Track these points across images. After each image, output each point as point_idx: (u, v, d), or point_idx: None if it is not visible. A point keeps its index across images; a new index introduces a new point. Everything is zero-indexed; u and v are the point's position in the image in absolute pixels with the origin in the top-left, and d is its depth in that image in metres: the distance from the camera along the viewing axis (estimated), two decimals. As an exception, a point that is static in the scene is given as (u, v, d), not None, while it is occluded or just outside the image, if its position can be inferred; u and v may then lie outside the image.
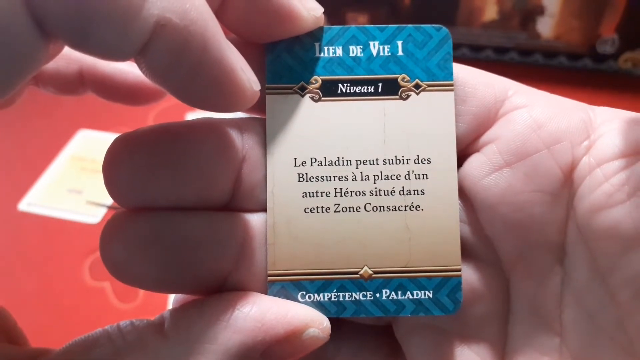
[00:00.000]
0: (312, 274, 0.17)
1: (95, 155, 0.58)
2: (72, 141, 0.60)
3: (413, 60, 0.17)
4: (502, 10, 0.64)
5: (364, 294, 0.17)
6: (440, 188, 0.17)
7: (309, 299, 0.17)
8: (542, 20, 0.64)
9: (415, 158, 0.17)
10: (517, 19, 0.64)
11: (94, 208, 0.51)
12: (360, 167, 0.17)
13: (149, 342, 0.15)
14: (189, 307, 0.16)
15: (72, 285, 0.46)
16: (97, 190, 0.54)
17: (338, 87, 0.17)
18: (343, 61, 0.17)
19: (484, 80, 0.18)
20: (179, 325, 0.15)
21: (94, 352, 0.15)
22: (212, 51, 0.14)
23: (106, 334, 0.15)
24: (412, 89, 0.17)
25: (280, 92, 0.17)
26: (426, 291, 0.17)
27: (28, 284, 0.46)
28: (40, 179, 0.55)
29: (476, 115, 0.18)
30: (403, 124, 0.17)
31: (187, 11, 0.13)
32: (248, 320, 0.15)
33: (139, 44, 0.13)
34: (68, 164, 0.57)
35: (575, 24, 0.63)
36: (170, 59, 0.14)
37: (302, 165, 0.17)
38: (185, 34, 0.13)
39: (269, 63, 0.17)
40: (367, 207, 0.17)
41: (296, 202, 0.17)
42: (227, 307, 0.15)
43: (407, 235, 0.17)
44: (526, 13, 0.64)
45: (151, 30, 0.13)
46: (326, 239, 0.17)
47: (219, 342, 0.15)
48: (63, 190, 0.54)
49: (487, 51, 0.66)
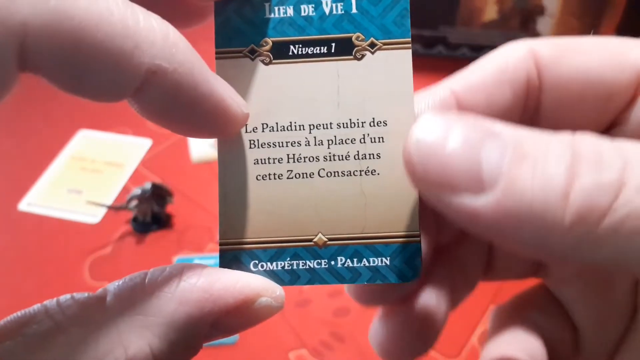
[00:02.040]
0: (265, 243, 0.16)
1: (95, 155, 0.58)
2: (72, 141, 0.60)
3: (368, 18, 0.17)
4: (502, 10, 0.64)
5: (318, 261, 0.16)
6: (398, 151, 0.16)
7: (262, 268, 0.16)
8: (542, 20, 0.64)
9: (371, 121, 0.16)
10: (517, 19, 0.64)
11: (94, 208, 0.51)
12: (313, 131, 0.16)
13: (90, 316, 0.14)
14: (132, 279, 0.15)
15: (72, 285, 0.46)
16: (97, 190, 0.54)
17: (289, 49, 0.17)
18: (294, 21, 0.17)
19: None
20: (122, 297, 0.15)
21: (30, 328, 0.14)
22: (201, 87, 0.14)
23: (44, 309, 0.14)
24: (367, 48, 0.17)
25: (230, 56, 0.17)
26: (383, 258, 0.16)
27: (28, 284, 0.46)
28: (40, 179, 0.55)
29: None
30: (358, 85, 0.16)
31: (174, 55, 0.13)
32: (195, 291, 0.14)
33: (130, 90, 0.14)
34: (68, 164, 0.57)
35: (575, 24, 0.63)
36: (163, 102, 0.14)
37: (253, 131, 0.16)
38: (176, 77, 0.14)
39: (217, 26, 0.17)
40: (320, 172, 0.16)
41: (248, 169, 0.16)
42: (172, 278, 0.15)
43: (363, 200, 0.16)
44: (526, 13, 0.64)
45: (143, 78, 0.13)
46: (279, 207, 0.16)
47: (164, 314, 0.14)
48: (63, 190, 0.54)
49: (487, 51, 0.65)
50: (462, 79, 0.17)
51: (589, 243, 0.12)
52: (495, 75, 0.17)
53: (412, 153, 0.13)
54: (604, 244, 0.12)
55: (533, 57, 0.17)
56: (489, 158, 0.12)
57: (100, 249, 0.49)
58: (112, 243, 0.49)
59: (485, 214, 0.12)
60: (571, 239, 0.12)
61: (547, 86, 0.17)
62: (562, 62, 0.16)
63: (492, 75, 0.17)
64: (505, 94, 0.16)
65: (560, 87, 0.16)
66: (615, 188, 0.12)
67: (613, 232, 0.12)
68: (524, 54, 0.17)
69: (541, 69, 0.17)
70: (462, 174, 0.12)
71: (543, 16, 0.63)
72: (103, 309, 0.14)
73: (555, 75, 0.16)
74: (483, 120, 0.13)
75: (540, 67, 0.17)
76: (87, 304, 0.14)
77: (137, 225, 0.50)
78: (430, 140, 0.13)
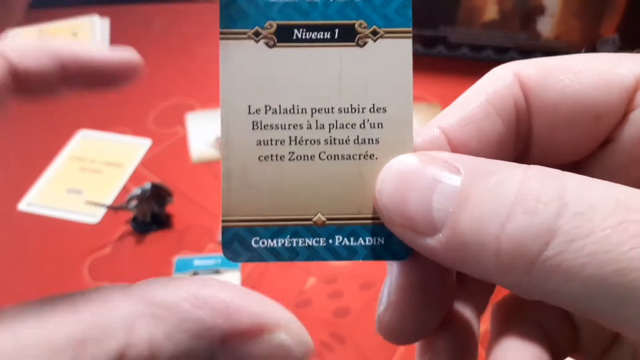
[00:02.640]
0: (266, 220, 0.17)
1: (94, 155, 0.58)
2: (72, 141, 0.60)
3: (371, 6, 0.17)
4: (502, 10, 0.64)
5: (317, 240, 0.17)
6: (395, 137, 0.17)
7: (262, 245, 0.17)
8: (543, 20, 0.64)
9: (371, 107, 0.17)
10: (517, 19, 0.64)
11: (94, 208, 0.51)
12: (315, 115, 0.17)
13: (111, 296, 0.14)
14: (158, 278, 0.15)
15: (72, 285, 0.46)
16: (97, 190, 0.54)
17: (293, 33, 0.17)
18: (299, 5, 0.17)
19: None
20: (143, 287, 0.14)
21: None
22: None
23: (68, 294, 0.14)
24: (369, 35, 0.17)
25: (234, 37, 0.17)
26: (378, 238, 0.17)
27: (28, 284, 0.46)
28: (40, 179, 0.55)
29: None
30: (359, 72, 0.17)
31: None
32: (213, 299, 0.14)
33: None
34: (68, 164, 0.57)
35: (575, 24, 0.63)
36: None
37: (256, 113, 0.17)
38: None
39: (222, 6, 0.17)
40: (321, 155, 0.17)
41: (250, 150, 0.17)
42: (194, 283, 0.14)
43: (361, 182, 0.17)
44: (526, 13, 0.64)
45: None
46: (280, 187, 0.17)
47: (175, 310, 0.14)
48: (62, 190, 0.54)
49: (487, 51, 0.66)
50: (450, 116, 0.17)
51: (525, 285, 0.13)
52: (482, 107, 0.17)
53: (378, 200, 0.16)
54: (538, 288, 0.13)
55: (518, 82, 0.17)
56: (438, 204, 0.14)
57: (100, 249, 0.49)
58: (112, 243, 0.49)
59: (440, 252, 0.14)
60: (509, 277, 0.13)
61: (536, 111, 0.17)
62: (548, 85, 0.16)
63: (480, 108, 0.17)
64: (496, 124, 0.17)
65: (549, 110, 0.17)
66: (546, 235, 0.12)
67: (543, 281, 0.12)
68: (509, 80, 0.17)
69: (528, 94, 0.17)
70: (419, 220, 0.14)
71: (543, 16, 0.63)
72: (126, 290, 0.14)
73: (543, 98, 0.17)
74: (442, 162, 0.14)
75: (526, 92, 0.17)
76: (111, 288, 0.14)
77: (137, 225, 0.50)
78: (391, 191, 0.15)
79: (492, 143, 0.17)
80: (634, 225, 0.12)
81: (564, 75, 0.16)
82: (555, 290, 0.12)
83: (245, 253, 0.17)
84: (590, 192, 0.13)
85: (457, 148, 0.16)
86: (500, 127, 0.17)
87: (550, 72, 0.17)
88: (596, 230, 0.12)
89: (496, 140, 0.17)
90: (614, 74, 0.16)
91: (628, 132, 0.16)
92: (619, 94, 0.16)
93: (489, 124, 0.17)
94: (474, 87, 0.17)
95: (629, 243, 0.12)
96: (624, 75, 0.16)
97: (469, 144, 0.16)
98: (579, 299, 0.12)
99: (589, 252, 0.12)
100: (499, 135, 0.17)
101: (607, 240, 0.12)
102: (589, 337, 0.20)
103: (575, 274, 0.12)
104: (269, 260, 0.17)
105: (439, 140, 0.17)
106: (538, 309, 0.20)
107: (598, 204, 0.12)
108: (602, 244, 0.12)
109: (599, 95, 0.16)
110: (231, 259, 0.17)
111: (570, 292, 0.12)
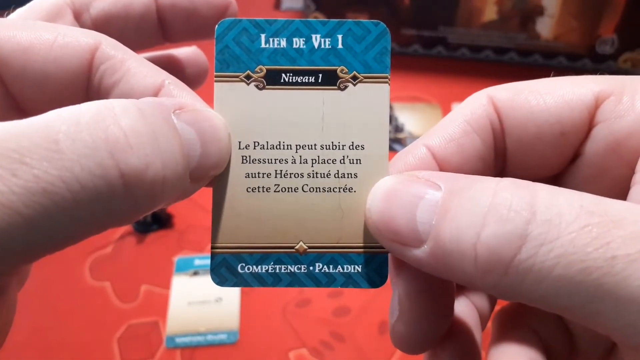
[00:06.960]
0: (252, 248, 0.18)
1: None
2: (73, 141, 0.59)
3: (352, 54, 0.19)
4: (501, 11, 0.64)
5: (298, 267, 0.18)
6: (372, 172, 0.18)
7: (248, 270, 0.18)
8: (542, 21, 0.64)
9: (350, 144, 0.18)
10: (516, 20, 0.64)
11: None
12: (299, 151, 0.19)
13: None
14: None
15: (72, 285, 0.46)
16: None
17: (281, 77, 0.19)
18: (287, 52, 0.19)
19: None
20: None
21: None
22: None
23: None
24: (349, 80, 0.19)
25: (228, 80, 0.19)
26: (355, 265, 0.18)
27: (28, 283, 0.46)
28: (41, 179, 0.55)
29: None
30: (340, 112, 0.19)
31: None
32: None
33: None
34: (68, 164, 0.57)
35: (574, 25, 0.64)
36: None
37: (245, 148, 0.18)
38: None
39: (217, 52, 0.19)
40: (304, 187, 0.18)
41: (240, 182, 0.19)
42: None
43: (340, 214, 0.18)
44: (526, 13, 0.64)
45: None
46: (266, 216, 0.18)
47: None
48: (63, 190, 0.54)
49: (486, 51, 0.66)
50: (435, 135, 0.18)
51: (502, 288, 0.14)
52: (462, 126, 0.18)
53: (368, 218, 0.17)
54: (515, 289, 0.14)
55: (492, 104, 0.18)
56: (422, 218, 0.15)
57: (101, 249, 0.49)
58: (113, 243, 0.49)
59: (427, 262, 0.15)
60: (488, 281, 0.14)
61: (508, 129, 0.18)
62: (518, 105, 0.18)
63: (460, 127, 0.18)
64: (475, 142, 0.18)
65: (518, 128, 0.18)
66: (518, 241, 0.13)
67: (519, 283, 0.13)
68: (484, 102, 0.18)
69: (500, 113, 0.18)
70: (406, 233, 0.15)
71: (542, 16, 0.64)
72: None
73: (514, 117, 0.18)
74: (423, 181, 0.16)
75: (499, 112, 0.18)
76: None
77: (138, 225, 0.50)
78: (380, 209, 0.16)
79: (472, 158, 0.18)
80: (597, 228, 0.13)
81: (532, 96, 0.18)
82: (531, 291, 0.13)
83: (232, 278, 0.18)
84: (557, 200, 0.14)
85: (441, 163, 0.18)
86: (478, 143, 0.18)
87: (519, 94, 0.18)
88: (562, 234, 0.13)
89: (476, 155, 0.18)
90: (576, 94, 0.18)
91: (592, 147, 0.18)
92: (580, 111, 0.18)
93: (468, 141, 0.18)
94: (454, 111, 0.19)
95: (592, 245, 0.13)
96: (584, 95, 0.18)
97: (451, 159, 0.18)
98: (551, 298, 0.13)
99: (556, 254, 0.13)
100: (478, 151, 0.18)
101: (573, 243, 0.13)
102: (586, 343, 0.21)
103: (546, 274, 0.13)
104: (253, 285, 0.18)
105: (427, 157, 0.18)
106: (533, 317, 0.21)
107: (564, 210, 0.13)
108: (568, 247, 0.13)
109: (562, 113, 0.18)
110: (218, 284, 0.19)
111: (543, 291, 0.13)
